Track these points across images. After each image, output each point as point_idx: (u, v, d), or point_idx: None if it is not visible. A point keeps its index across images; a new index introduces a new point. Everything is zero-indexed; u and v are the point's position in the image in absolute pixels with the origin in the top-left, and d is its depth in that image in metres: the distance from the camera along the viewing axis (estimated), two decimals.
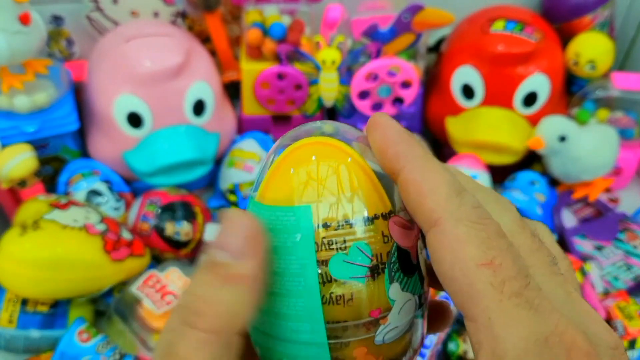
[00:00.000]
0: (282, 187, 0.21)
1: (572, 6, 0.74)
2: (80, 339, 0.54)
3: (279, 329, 0.21)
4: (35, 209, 0.56)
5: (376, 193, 0.21)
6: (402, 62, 0.68)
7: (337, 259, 0.20)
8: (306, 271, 0.20)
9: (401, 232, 0.21)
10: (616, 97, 0.73)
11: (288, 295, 0.20)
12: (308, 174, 0.21)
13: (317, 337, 0.20)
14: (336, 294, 0.20)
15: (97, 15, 0.69)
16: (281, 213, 0.20)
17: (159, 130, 0.64)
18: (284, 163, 0.21)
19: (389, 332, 0.21)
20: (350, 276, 0.20)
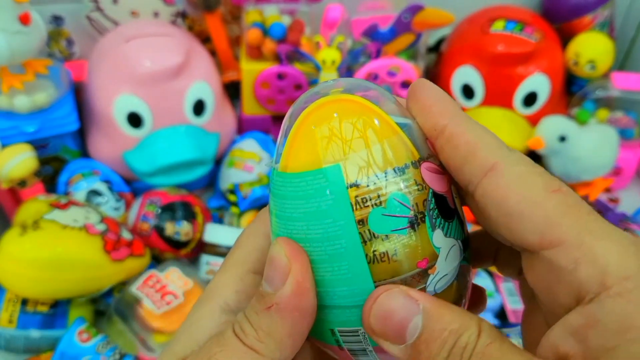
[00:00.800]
0: (305, 152, 0.20)
1: (572, 6, 0.74)
2: (80, 339, 0.54)
3: (325, 296, 0.20)
4: (35, 209, 0.56)
5: (402, 142, 0.20)
6: (402, 62, 0.68)
7: (376, 214, 0.19)
8: (346, 232, 0.19)
9: (435, 178, 0.20)
10: (616, 97, 0.73)
11: (330, 260, 0.20)
12: (330, 133, 0.20)
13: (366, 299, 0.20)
14: (380, 251, 0.19)
15: (97, 15, 0.69)
16: (310, 177, 0.20)
17: (159, 130, 0.64)
18: (303, 127, 0.21)
19: (439, 280, 0.20)
20: (392, 229, 0.19)
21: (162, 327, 0.54)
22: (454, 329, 0.18)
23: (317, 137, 0.20)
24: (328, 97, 0.21)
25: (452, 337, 0.18)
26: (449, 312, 0.18)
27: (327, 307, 0.21)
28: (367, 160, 0.20)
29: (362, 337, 0.21)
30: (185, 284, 0.57)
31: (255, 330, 0.20)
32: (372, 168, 0.20)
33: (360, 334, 0.21)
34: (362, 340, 0.21)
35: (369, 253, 0.19)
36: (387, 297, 0.19)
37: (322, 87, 0.22)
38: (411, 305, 0.18)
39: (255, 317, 0.20)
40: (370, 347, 0.21)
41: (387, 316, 0.19)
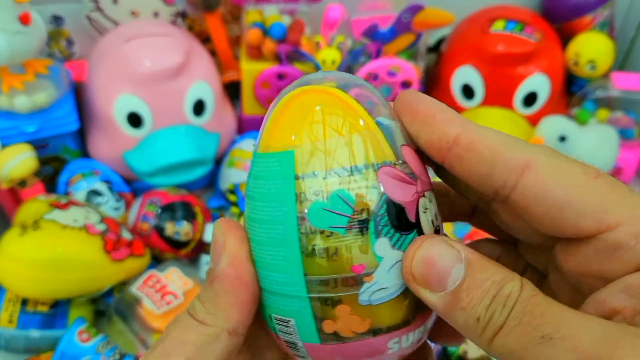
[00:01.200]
0: (273, 136, 0.20)
1: (572, 6, 0.74)
2: (80, 339, 0.54)
3: (265, 280, 0.21)
4: (35, 209, 0.56)
5: (369, 142, 0.20)
6: (402, 62, 0.68)
7: (317, 207, 0.19)
8: (286, 219, 0.19)
9: (396, 185, 0.19)
10: (616, 97, 0.73)
11: (272, 244, 0.20)
12: (296, 121, 0.20)
13: (298, 290, 0.20)
14: (319, 246, 0.19)
15: (97, 15, 0.69)
16: (268, 159, 0.20)
17: (159, 130, 0.64)
18: (278, 113, 0.21)
19: (376, 292, 0.19)
20: (330, 225, 0.19)
21: (162, 327, 0.54)
22: (496, 279, 0.18)
23: (285, 124, 0.20)
24: (307, 87, 0.21)
25: (495, 287, 0.18)
26: (491, 265, 0.19)
27: (267, 292, 0.21)
28: (324, 153, 0.19)
29: (293, 330, 0.21)
30: (185, 284, 0.57)
31: (202, 304, 0.21)
32: (327, 162, 0.19)
33: (290, 326, 0.21)
34: (292, 332, 0.21)
35: (306, 244, 0.19)
36: (431, 244, 0.19)
37: (310, 77, 0.22)
38: (454, 253, 0.19)
39: (203, 293, 0.21)
40: (301, 342, 0.21)
41: (430, 262, 0.19)
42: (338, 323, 0.20)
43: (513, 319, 0.17)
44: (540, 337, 0.17)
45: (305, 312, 0.20)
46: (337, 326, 0.20)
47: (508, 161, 0.18)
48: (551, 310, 0.17)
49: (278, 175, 0.20)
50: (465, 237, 0.63)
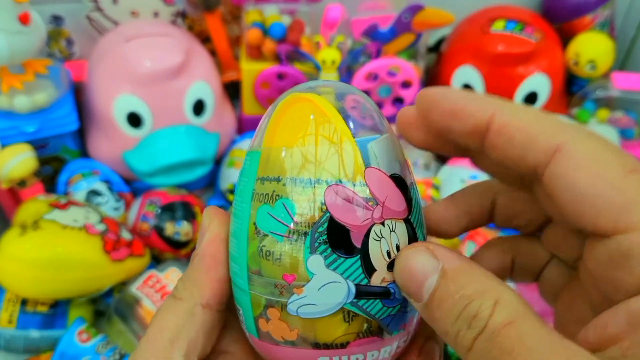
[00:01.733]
0: (257, 136, 0.22)
1: (572, 6, 0.74)
2: (80, 339, 0.54)
3: (231, 270, 0.22)
4: (35, 209, 0.56)
5: (338, 158, 0.19)
6: (402, 62, 0.68)
7: (263, 210, 0.20)
8: (243, 214, 0.21)
9: (342, 205, 0.19)
10: (616, 97, 0.73)
11: (234, 236, 0.21)
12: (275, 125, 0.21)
13: (243, 284, 0.21)
14: (263, 246, 0.20)
15: (97, 15, 0.69)
16: (246, 157, 0.22)
17: (159, 130, 0.64)
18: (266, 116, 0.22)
19: (304, 305, 0.19)
20: (270, 230, 0.20)
21: None
22: (466, 293, 0.17)
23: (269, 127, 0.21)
24: (296, 94, 0.21)
25: (463, 301, 0.17)
26: (466, 275, 0.18)
27: (233, 283, 0.22)
28: (285, 159, 0.20)
29: (242, 319, 0.22)
30: None
31: (182, 282, 0.22)
32: (285, 168, 0.20)
33: (240, 315, 0.22)
34: (242, 321, 0.22)
35: (252, 244, 0.20)
36: (412, 253, 0.19)
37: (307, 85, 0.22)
38: (432, 263, 0.18)
39: (186, 272, 0.23)
40: (247, 332, 0.22)
41: (409, 272, 0.19)
42: (270, 325, 0.20)
43: (482, 345, 0.16)
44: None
45: (247, 306, 0.21)
46: (269, 327, 0.20)
47: (539, 144, 0.17)
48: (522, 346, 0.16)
49: (246, 173, 0.21)
50: (466, 238, 0.63)
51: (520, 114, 0.18)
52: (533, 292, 0.66)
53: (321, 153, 0.19)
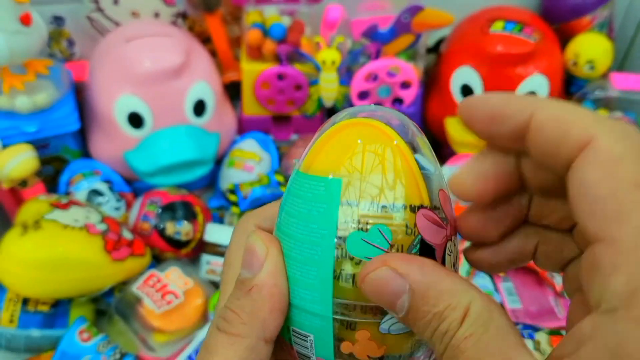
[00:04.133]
0: (320, 159, 0.21)
1: (571, 7, 0.74)
2: (81, 339, 0.54)
3: (291, 293, 0.21)
4: (36, 208, 0.56)
5: (413, 183, 0.21)
6: (402, 63, 0.69)
7: (355, 236, 0.20)
8: (324, 241, 0.20)
9: (429, 227, 0.21)
10: (615, 98, 0.73)
11: (304, 262, 0.21)
12: (351, 152, 0.21)
13: (323, 310, 0.21)
14: (349, 271, 0.20)
15: (97, 15, 0.69)
16: (313, 182, 0.21)
17: (160, 130, 0.64)
18: (329, 138, 0.22)
19: (396, 323, 0.20)
20: (366, 255, 0.20)
21: (162, 327, 0.55)
22: (438, 311, 0.18)
23: (333, 150, 0.21)
24: (368, 120, 0.22)
25: (436, 321, 0.18)
26: (435, 291, 0.18)
27: (291, 305, 0.22)
28: (371, 187, 0.20)
29: (309, 345, 0.22)
30: (185, 284, 0.57)
31: (238, 315, 0.21)
32: (372, 195, 0.20)
33: (308, 341, 0.21)
34: (308, 346, 0.22)
35: (338, 269, 0.20)
36: (377, 275, 0.19)
37: (371, 109, 0.23)
38: (398, 283, 0.18)
39: (237, 302, 0.21)
40: (315, 356, 0.22)
41: (378, 290, 0.19)
42: (356, 346, 0.21)
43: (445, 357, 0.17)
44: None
45: (325, 331, 0.21)
46: (354, 349, 0.21)
47: (573, 136, 0.17)
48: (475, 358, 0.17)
49: (323, 199, 0.21)
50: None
51: (558, 109, 0.18)
52: (533, 290, 0.65)
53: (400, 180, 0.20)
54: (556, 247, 0.22)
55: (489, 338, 0.17)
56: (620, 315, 0.15)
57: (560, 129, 0.17)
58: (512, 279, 0.65)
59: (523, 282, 0.64)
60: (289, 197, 0.22)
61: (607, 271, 0.15)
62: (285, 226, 0.22)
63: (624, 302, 0.15)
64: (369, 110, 0.22)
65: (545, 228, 0.22)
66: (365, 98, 0.71)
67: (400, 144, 0.21)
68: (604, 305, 0.15)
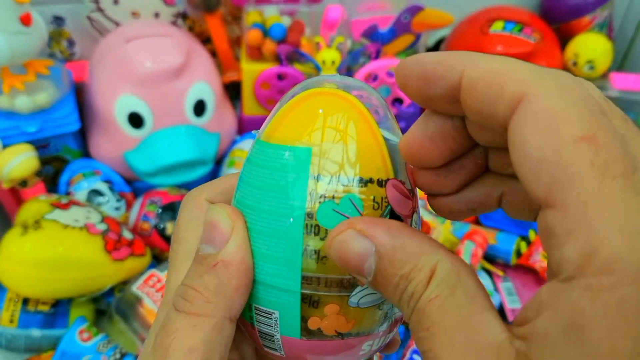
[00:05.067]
0: (286, 128, 0.21)
1: (571, 7, 0.74)
2: (81, 338, 0.54)
3: (256, 269, 0.20)
4: (37, 208, 0.56)
5: (380, 156, 0.20)
6: None
7: (327, 206, 0.19)
8: (294, 212, 0.19)
9: (399, 198, 0.20)
10: (615, 98, 0.73)
11: (271, 235, 0.20)
12: (317, 121, 0.20)
13: (291, 284, 0.20)
14: (318, 244, 0.19)
15: (98, 15, 0.69)
16: (281, 151, 0.20)
17: (160, 130, 0.64)
18: (295, 107, 0.21)
19: (365, 296, 0.20)
20: None
21: None
22: (404, 273, 0.17)
23: (300, 120, 0.20)
24: (333, 89, 0.21)
25: (403, 283, 0.17)
26: (401, 253, 0.17)
27: (254, 281, 0.20)
28: (340, 158, 0.20)
29: (274, 322, 0.21)
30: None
31: (201, 294, 0.19)
32: (341, 168, 0.20)
33: (273, 318, 0.21)
34: (272, 324, 0.21)
35: (308, 242, 0.19)
36: (343, 238, 0.18)
37: (334, 78, 0.22)
38: (365, 245, 0.18)
39: (198, 279, 0.19)
40: (279, 334, 0.21)
41: (344, 254, 0.18)
42: (324, 321, 0.20)
43: (413, 320, 0.17)
44: (422, 350, 0.16)
45: (292, 307, 0.20)
46: (322, 324, 0.20)
47: (507, 92, 0.15)
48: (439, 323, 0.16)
49: (291, 169, 0.20)
50: (465, 237, 0.64)
51: (490, 63, 0.16)
52: (533, 290, 0.65)
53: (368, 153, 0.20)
54: (523, 197, 0.20)
55: (455, 301, 0.16)
56: (575, 284, 0.14)
57: (493, 85, 0.16)
58: (512, 279, 0.65)
59: (523, 282, 0.65)
60: (250, 167, 0.21)
61: (561, 239, 0.14)
62: (247, 198, 0.21)
63: (578, 270, 0.14)
64: (333, 79, 0.22)
65: (509, 177, 0.20)
66: None
67: (367, 115, 0.20)
68: (562, 274, 0.14)
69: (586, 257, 0.14)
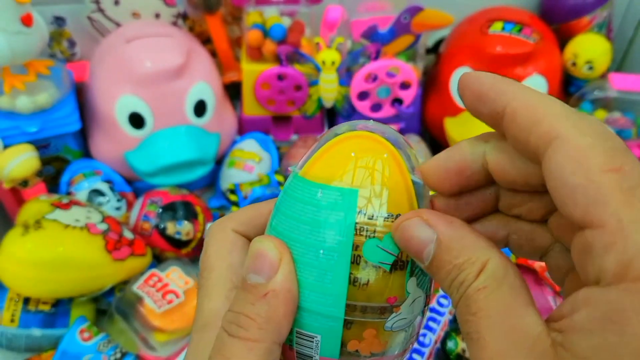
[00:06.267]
0: (331, 168, 0.22)
1: (570, 7, 0.74)
2: (82, 338, 0.54)
3: (308, 299, 0.22)
4: (37, 208, 0.56)
5: (409, 196, 0.22)
6: (401, 63, 0.69)
7: (371, 244, 0.22)
8: (342, 248, 0.21)
9: None
10: (614, 98, 0.73)
11: (319, 266, 0.22)
12: (357, 163, 0.22)
13: (335, 311, 0.22)
14: (362, 276, 0.22)
15: (98, 16, 0.69)
16: (328, 190, 0.22)
17: (160, 130, 0.64)
18: (337, 147, 0.23)
19: (398, 320, 0.22)
20: (380, 261, 0.22)
21: (163, 326, 0.55)
22: (458, 263, 0.19)
23: (345, 160, 0.22)
24: (369, 134, 0.23)
25: (455, 271, 0.19)
26: (458, 244, 0.20)
27: (307, 310, 0.22)
28: (379, 198, 0.22)
29: (315, 345, 0.22)
30: (186, 283, 0.57)
31: (254, 320, 0.21)
32: (381, 206, 0.22)
33: (314, 342, 0.22)
34: (313, 347, 0.22)
35: (353, 273, 0.22)
36: (409, 224, 0.21)
37: (371, 125, 0.24)
38: (427, 233, 0.20)
39: (251, 307, 0.21)
40: (318, 356, 0.23)
41: (408, 238, 0.21)
42: (362, 344, 0.22)
43: (461, 305, 0.19)
44: (467, 331, 0.19)
45: (334, 331, 0.22)
46: (360, 346, 0.22)
47: (543, 129, 0.18)
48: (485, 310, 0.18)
49: (339, 207, 0.22)
50: None
51: (533, 98, 0.19)
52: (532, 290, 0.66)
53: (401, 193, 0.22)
54: (528, 237, 0.23)
55: (501, 293, 0.18)
56: (614, 288, 0.16)
57: (530, 119, 0.19)
58: None
59: None
60: (289, 200, 0.23)
61: (600, 251, 0.17)
62: (286, 229, 0.22)
63: (617, 278, 0.16)
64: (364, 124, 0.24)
65: (516, 218, 0.23)
66: (365, 98, 0.71)
67: (401, 160, 0.23)
68: (601, 282, 0.17)
69: (625, 266, 0.16)
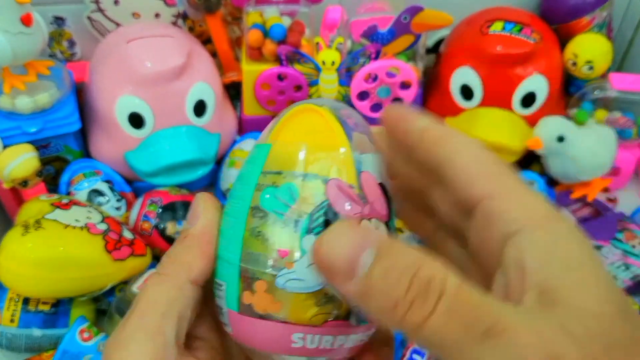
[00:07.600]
0: (268, 133, 0.25)
1: (570, 7, 0.74)
2: (82, 338, 0.54)
3: (219, 246, 0.24)
4: (37, 208, 0.56)
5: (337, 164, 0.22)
6: (401, 63, 0.69)
7: (268, 191, 0.22)
8: (244, 195, 0.23)
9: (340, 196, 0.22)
10: (614, 98, 0.73)
11: (231, 215, 0.24)
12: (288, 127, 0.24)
13: (233, 257, 0.23)
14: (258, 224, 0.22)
15: (98, 16, 0.69)
16: (254, 148, 0.25)
17: (160, 130, 0.64)
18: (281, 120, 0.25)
19: (291, 280, 0.21)
20: (274, 209, 0.22)
21: None
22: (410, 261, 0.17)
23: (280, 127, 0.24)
24: (308, 105, 0.25)
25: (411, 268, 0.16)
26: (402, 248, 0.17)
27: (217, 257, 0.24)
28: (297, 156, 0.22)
29: (223, 294, 0.23)
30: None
31: (168, 257, 0.24)
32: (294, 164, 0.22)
33: (222, 290, 0.23)
34: (222, 296, 0.23)
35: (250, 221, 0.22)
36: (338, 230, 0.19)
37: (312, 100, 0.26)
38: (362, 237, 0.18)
39: (172, 249, 0.24)
40: (226, 307, 0.23)
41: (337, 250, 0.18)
42: (254, 297, 0.22)
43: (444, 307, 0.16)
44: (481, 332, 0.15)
45: (234, 278, 0.22)
46: (253, 299, 0.22)
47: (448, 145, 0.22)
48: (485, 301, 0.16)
49: (253, 161, 0.24)
50: None
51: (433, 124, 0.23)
52: None
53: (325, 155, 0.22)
54: None
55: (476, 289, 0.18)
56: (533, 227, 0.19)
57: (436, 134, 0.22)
58: None
59: None
60: None
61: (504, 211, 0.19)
62: (232, 188, 0.25)
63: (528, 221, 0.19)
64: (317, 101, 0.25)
65: None
66: (365, 98, 0.71)
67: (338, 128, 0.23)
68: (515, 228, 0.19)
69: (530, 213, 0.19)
